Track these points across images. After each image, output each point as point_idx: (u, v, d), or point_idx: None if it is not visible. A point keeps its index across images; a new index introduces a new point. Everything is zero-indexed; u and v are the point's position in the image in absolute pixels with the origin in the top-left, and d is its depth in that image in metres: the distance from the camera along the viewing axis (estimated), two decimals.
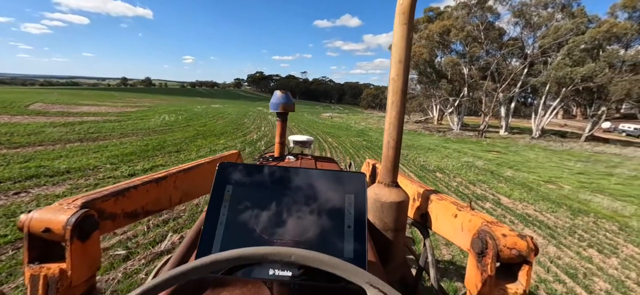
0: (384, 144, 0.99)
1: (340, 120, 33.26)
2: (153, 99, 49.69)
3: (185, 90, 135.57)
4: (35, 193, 4.54)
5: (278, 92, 2.03)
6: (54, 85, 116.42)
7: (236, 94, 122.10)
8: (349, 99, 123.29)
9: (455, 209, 0.89)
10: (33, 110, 14.72)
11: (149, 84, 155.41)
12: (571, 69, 21.54)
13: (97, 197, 0.77)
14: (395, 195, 0.97)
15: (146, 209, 0.96)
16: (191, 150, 8.51)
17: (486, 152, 15.04)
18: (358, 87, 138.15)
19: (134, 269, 2.94)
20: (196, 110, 26.19)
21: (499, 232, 0.67)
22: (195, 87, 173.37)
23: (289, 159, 2.03)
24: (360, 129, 23.04)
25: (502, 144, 20.67)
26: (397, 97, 0.94)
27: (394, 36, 0.92)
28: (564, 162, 13.50)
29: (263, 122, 19.94)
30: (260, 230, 0.62)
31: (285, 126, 2.10)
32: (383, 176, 1.01)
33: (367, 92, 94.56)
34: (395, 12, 0.91)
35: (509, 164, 11.20)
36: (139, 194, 0.92)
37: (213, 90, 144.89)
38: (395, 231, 0.99)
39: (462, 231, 0.82)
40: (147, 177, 1.00)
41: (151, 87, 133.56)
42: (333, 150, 11.59)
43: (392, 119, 0.96)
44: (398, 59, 0.92)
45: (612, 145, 23.51)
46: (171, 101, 45.89)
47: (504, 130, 28.07)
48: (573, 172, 10.88)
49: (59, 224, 0.61)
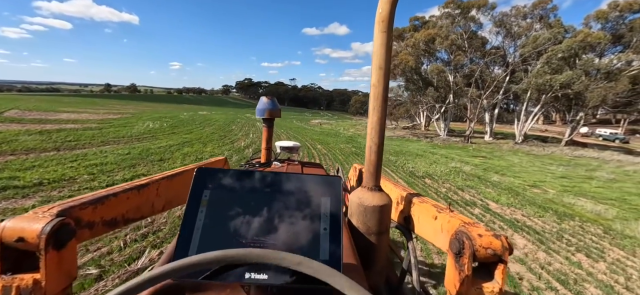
0: (367, 148, 1.00)
1: (329, 127, 33.33)
2: (137, 105, 48.46)
3: (172, 96, 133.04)
4: (1, 207, 4.21)
5: (264, 98, 2.03)
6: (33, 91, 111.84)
7: (224, 101, 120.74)
8: (337, 105, 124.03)
9: (436, 211, 0.90)
10: (7, 118, 14.00)
11: (134, 91, 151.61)
12: (550, 77, 22.37)
13: (74, 205, 0.75)
14: (378, 199, 0.98)
15: (126, 217, 0.94)
16: (176, 159, 8.22)
17: (472, 157, 15.30)
18: (346, 93, 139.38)
19: (106, 289, 2.71)
20: (182, 117, 25.63)
21: (475, 232, 0.69)
22: (182, 93, 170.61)
23: (276, 165, 2.03)
24: (349, 136, 23.11)
25: (487, 149, 21.14)
26: (378, 103, 0.95)
27: (374, 43, 0.94)
28: (546, 167, 13.87)
29: (251, 129, 19.68)
30: (236, 234, 0.62)
31: (271, 132, 2.10)
32: (366, 180, 1.02)
33: (356, 99, 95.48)
34: (375, 20, 0.92)
35: (495, 169, 11.39)
36: (119, 202, 0.90)
37: (201, 97, 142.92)
38: (378, 234, 0.99)
39: (442, 232, 0.84)
40: (127, 185, 0.98)
41: (136, 94, 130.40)
42: (322, 157, 11.48)
43: (373, 124, 0.97)
44: (378, 66, 0.94)
45: (590, 149, 24.47)
46: (156, 108, 44.85)
47: (489, 136, 28.78)
48: (556, 176, 11.17)
49: (33, 233, 0.59)
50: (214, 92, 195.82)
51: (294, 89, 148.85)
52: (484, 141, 26.84)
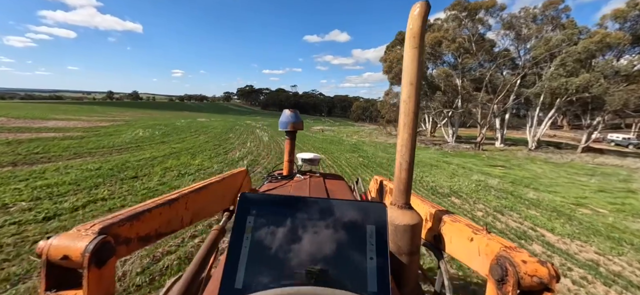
0: (397, 165, 0.96)
1: (332, 134, 32.07)
2: (136, 112, 47.47)
3: (173, 103, 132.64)
4: None
5: (287, 111, 2.04)
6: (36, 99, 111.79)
7: (225, 108, 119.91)
8: (338, 112, 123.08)
9: (471, 232, 0.86)
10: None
11: (136, 98, 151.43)
12: (566, 80, 21.11)
13: (113, 222, 0.75)
14: (409, 218, 0.93)
15: (159, 232, 0.94)
16: (154, 175, 6.92)
17: (491, 167, 13.94)
18: (348, 100, 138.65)
19: None
20: (178, 124, 24.44)
21: (518, 258, 0.66)
22: (184, 100, 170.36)
23: (298, 177, 1.99)
24: (353, 143, 21.80)
25: (501, 156, 19.77)
26: (409, 119, 0.93)
27: (404, 59, 0.92)
28: (575, 177, 12.49)
29: (250, 137, 18.41)
30: (282, 264, 0.61)
31: (293, 144, 2.07)
32: (396, 198, 0.97)
33: (357, 105, 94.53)
34: (406, 36, 0.90)
35: (523, 182, 10.03)
36: (152, 217, 0.90)
37: (202, 104, 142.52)
38: (409, 255, 0.94)
39: (480, 256, 0.80)
40: (160, 199, 0.98)
41: (138, 101, 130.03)
42: (327, 170, 10.17)
43: (404, 141, 0.94)
44: (409, 81, 0.91)
45: (609, 155, 23.04)
46: (155, 115, 43.79)
47: (500, 142, 27.41)
48: (593, 190, 9.80)
49: (77, 251, 0.61)
50: (215, 99, 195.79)
51: (295, 96, 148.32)
52: (495, 148, 25.47)
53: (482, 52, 26.36)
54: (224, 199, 1.42)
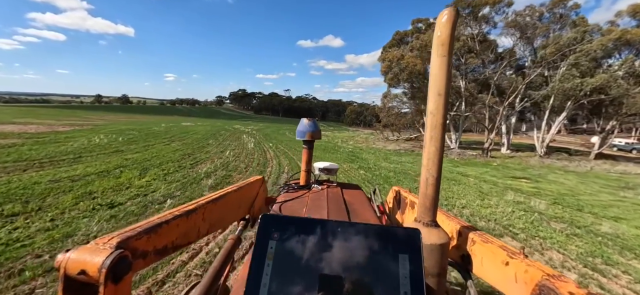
0: (422, 180, 0.92)
1: (325, 138, 29.83)
2: (119, 116, 44.54)
3: (164, 107, 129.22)
4: None
5: (305, 120, 2.00)
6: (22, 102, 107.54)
7: (216, 112, 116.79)
8: (332, 116, 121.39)
9: (506, 255, 0.81)
10: None
11: (125, 102, 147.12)
12: (581, 80, 19.35)
13: (131, 235, 0.73)
14: (436, 237, 0.86)
15: (175, 244, 0.91)
16: (52, 209, 4.51)
17: (513, 179, 11.86)
18: (341, 104, 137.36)
19: None
20: (156, 129, 21.90)
21: (565, 290, 0.62)
22: (175, 104, 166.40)
23: (315, 187, 1.92)
24: (350, 150, 19.59)
25: (514, 164, 17.79)
26: (437, 132, 0.86)
27: (431, 68, 0.87)
28: (617, 193, 10.47)
29: (233, 144, 16.03)
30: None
31: (311, 154, 2.00)
32: (421, 215, 0.91)
33: (351, 109, 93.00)
34: (433, 44, 0.85)
35: (569, 202, 7.91)
36: (170, 229, 0.87)
37: (193, 108, 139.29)
38: (437, 276, 0.86)
39: (517, 283, 0.75)
40: (177, 210, 0.95)
41: (127, 105, 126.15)
42: None
43: (430, 155, 0.88)
44: (437, 92, 0.85)
45: (622, 163, 21.29)
46: (138, 118, 40.92)
47: (506, 148, 25.56)
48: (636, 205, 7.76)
49: (94, 267, 0.60)
50: (207, 103, 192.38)
51: (289, 100, 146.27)
52: (502, 154, 23.58)
53: (488, 51, 24.61)
54: (240, 209, 1.38)
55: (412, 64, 22.69)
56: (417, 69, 22.89)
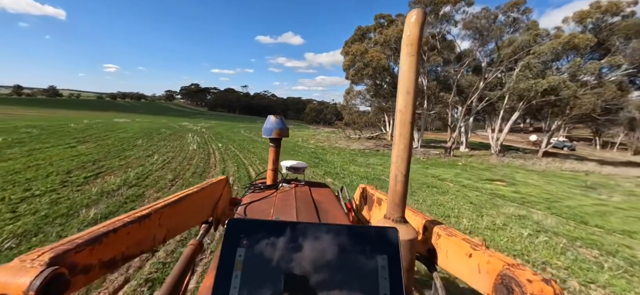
0: (392, 177, 0.92)
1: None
2: (35, 111, 36.82)
3: (101, 102, 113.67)
4: None
5: (272, 117, 1.88)
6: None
7: (165, 108, 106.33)
8: (292, 114, 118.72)
9: (469, 247, 0.83)
10: None
11: (54, 94, 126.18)
12: (534, 82, 19.94)
13: (68, 248, 0.62)
14: (405, 233, 0.88)
15: (127, 254, 0.81)
16: None
17: (488, 181, 10.98)
18: (301, 102, 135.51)
19: None
20: (72, 126, 17.53)
21: (523, 277, 0.64)
22: (116, 99, 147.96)
23: (283, 187, 1.79)
24: (311, 150, 17.65)
25: (477, 164, 17.53)
26: (406, 129, 0.88)
27: (401, 66, 0.87)
28: (588, 193, 10.08)
29: (169, 146, 12.98)
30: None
31: (278, 152, 1.90)
32: (391, 212, 0.92)
33: (311, 107, 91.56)
34: (402, 43, 0.86)
35: (565, 212, 6.89)
36: (118, 238, 0.77)
37: (138, 103, 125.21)
38: (405, 272, 0.87)
39: (480, 273, 0.77)
40: (128, 217, 0.84)
41: (55, 98, 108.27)
42: None
43: (400, 152, 0.89)
44: (406, 90, 0.87)
45: (566, 160, 22.68)
46: (59, 113, 34.07)
47: (465, 147, 25.94)
48: (625, 212, 7.14)
49: (18, 289, 0.49)
50: (155, 98, 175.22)
51: (247, 96, 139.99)
52: (462, 153, 23.71)
53: (448, 50, 24.58)
54: (202, 212, 1.28)
55: (377, 59, 21.52)
56: (382, 64, 21.81)
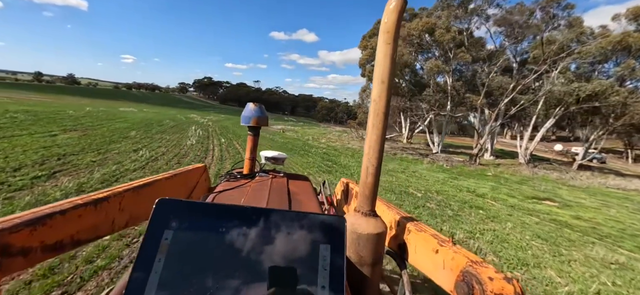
0: (363, 169, 0.89)
1: (295, 134, 26.00)
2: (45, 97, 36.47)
3: (115, 91, 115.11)
4: None
5: (250, 105, 1.76)
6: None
7: (177, 100, 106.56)
8: (302, 111, 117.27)
9: (437, 243, 0.82)
10: None
11: (72, 82, 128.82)
12: (578, 85, 17.66)
13: (3, 227, 0.58)
14: (373, 226, 0.86)
15: (77, 238, 0.76)
16: None
17: (534, 200, 9.08)
18: (312, 99, 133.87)
19: None
20: (70, 113, 16.46)
21: (485, 275, 0.63)
22: (131, 89, 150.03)
23: (260, 177, 1.72)
24: (323, 151, 16.00)
25: (509, 175, 15.49)
26: (379, 119, 0.86)
27: (377, 55, 0.85)
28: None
29: (166, 138, 11.60)
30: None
31: (256, 141, 1.79)
32: (361, 204, 0.90)
33: (322, 104, 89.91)
34: (380, 30, 0.84)
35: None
36: (67, 221, 0.72)
37: (151, 94, 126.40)
38: (372, 266, 0.87)
39: (444, 269, 0.76)
40: (81, 199, 0.78)
41: (73, 86, 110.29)
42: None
43: (372, 143, 0.87)
44: (381, 79, 0.84)
45: (610, 176, 20.25)
46: (66, 100, 33.54)
47: (490, 154, 23.76)
48: None
49: None
50: (169, 90, 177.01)
51: (257, 91, 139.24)
52: (488, 161, 21.60)
53: (477, 47, 22.42)
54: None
55: (399, 54, 19.63)
56: (404, 59, 19.92)
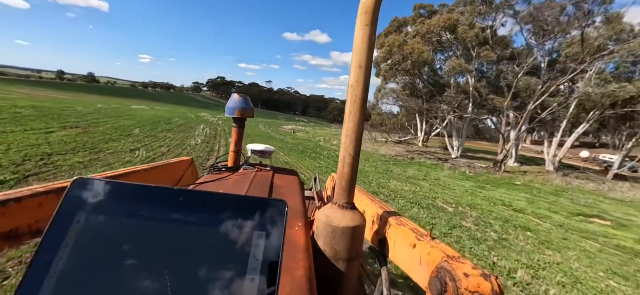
0: (340, 159, 0.85)
1: (306, 135, 25.10)
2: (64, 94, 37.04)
3: (131, 90, 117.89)
4: None
5: (235, 96, 1.73)
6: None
7: (190, 99, 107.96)
8: (313, 112, 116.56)
9: (415, 237, 0.78)
10: None
11: (92, 81, 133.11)
12: (619, 86, 16.02)
13: None
14: (350, 219, 0.82)
15: (36, 229, 0.70)
16: None
17: (581, 217, 7.82)
18: (323, 100, 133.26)
19: None
20: (79, 109, 16.14)
21: (461, 271, 0.60)
22: (148, 88, 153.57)
23: (245, 170, 1.68)
24: (335, 153, 14.99)
25: (540, 185, 14.07)
26: (357, 107, 0.81)
27: (355, 38, 0.80)
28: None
29: (169, 138, 10.92)
30: (114, 291, 0.41)
31: (242, 134, 1.77)
32: (338, 196, 0.86)
33: (333, 105, 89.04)
34: (358, 11, 0.79)
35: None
36: (24, 209, 0.66)
37: (166, 93, 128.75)
38: (348, 261, 0.81)
39: (421, 265, 0.72)
40: (42, 187, 0.73)
41: (92, 84, 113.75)
42: None
43: (349, 131, 0.82)
44: (358, 64, 0.80)
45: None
46: (83, 98, 33.90)
47: (515, 161, 22.15)
48: None
49: None
50: (183, 89, 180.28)
51: (270, 92, 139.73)
52: (513, 168, 20.07)
53: (502, 45, 20.92)
54: None
55: (418, 51, 18.44)
56: (424, 57, 18.69)
